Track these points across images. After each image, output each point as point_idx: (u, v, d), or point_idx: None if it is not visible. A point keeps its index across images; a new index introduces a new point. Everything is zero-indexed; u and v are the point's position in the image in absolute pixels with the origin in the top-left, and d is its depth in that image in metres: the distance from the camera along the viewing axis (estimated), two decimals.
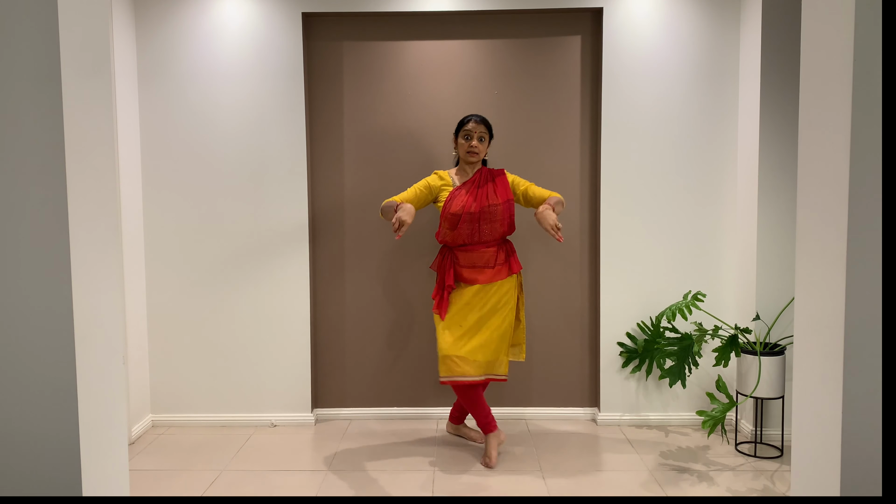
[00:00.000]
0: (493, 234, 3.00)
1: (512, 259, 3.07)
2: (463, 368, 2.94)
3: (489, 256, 3.01)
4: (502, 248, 3.05)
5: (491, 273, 3.01)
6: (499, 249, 3.03)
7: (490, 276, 3.00)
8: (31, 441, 1.48)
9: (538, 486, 2.80)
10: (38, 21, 1.40)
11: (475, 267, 3.01)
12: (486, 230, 2.99)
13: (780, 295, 3.25)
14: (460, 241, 3.01)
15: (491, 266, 3.01)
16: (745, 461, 3.06)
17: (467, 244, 3.01)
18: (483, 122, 3.04)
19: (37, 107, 1.42)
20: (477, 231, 2.99)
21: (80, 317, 1.48)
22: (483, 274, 3.01)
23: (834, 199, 1.50)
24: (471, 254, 3.01)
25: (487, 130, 3.06)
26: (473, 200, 2.97)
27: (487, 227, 2.99)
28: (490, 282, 3.00)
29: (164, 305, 3.55)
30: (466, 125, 3.03)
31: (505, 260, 3.04)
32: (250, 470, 3.00)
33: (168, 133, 3.49)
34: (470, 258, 3.01)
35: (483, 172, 3.07)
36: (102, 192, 1.57)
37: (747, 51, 3.33)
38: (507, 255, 3.06)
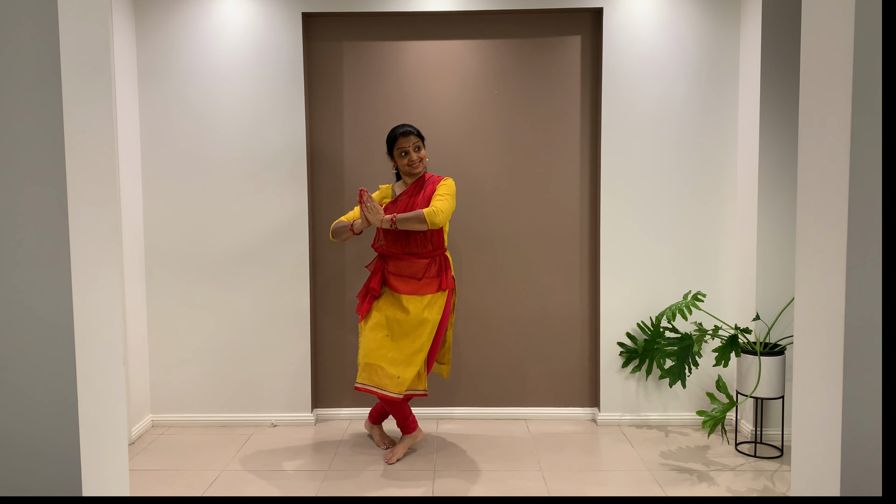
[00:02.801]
0: (422, 245, 2.98)
1: (444, 275, 3.01)
2: (383, 381, 2.90)
3: (418, 268, 2.98)
4: (435, 261, 3.01)
5: (417, 285, 2.97)
6: (431, 263, 3.00)
7: (415, 288, 2.96)
8: (31, 441, 1.48)
9: (538, 486, 2.80)
10: (38, 21, 1.40)
11: (402, 276, 2.99)
12: (414, 241, 2.97)
13: (780, 295, 3.25)
14: (392, 250, 3.01)
15: (418, 278, 2.97)
16: (745, 461, 3.06)
17: (398, 254, 3.00)
18: (412, 132, 2.99)
19: (37, 107, 1.41)
20: (404, 242, 2.98)
21: (80, 317, 1.47)
22: (408, 284, 2.97)
23: (834, 199, 1.50)
24: (400, 262, 2.99)
25: (419, 136, 3.01)
26: (403, 210, 2.97)
27: (415, 237, 2.97)
28: (414, 294, 2.96)
29: (164, 305, 3.55)
30: (397, 142, 2.99)
31: (436, 274, 3.00)
32: (250, 470, 3.00)
33: (168, 133, 3.49)
34: (398, 267, 2.99)
35: (419, 182, 3.05)
36: (102, 192, 1.57)
37: (747, 51, 3.33)
38: (439, 270, 3.01)
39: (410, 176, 3.06)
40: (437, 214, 2.86)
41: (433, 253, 3.01)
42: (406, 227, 2.86)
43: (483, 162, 3.55)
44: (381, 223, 2.87)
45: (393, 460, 3.03)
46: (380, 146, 3.56)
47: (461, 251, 3.57)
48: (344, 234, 3.01)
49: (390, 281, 3.00)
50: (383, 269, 3.03)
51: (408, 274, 2.98)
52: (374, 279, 3.02)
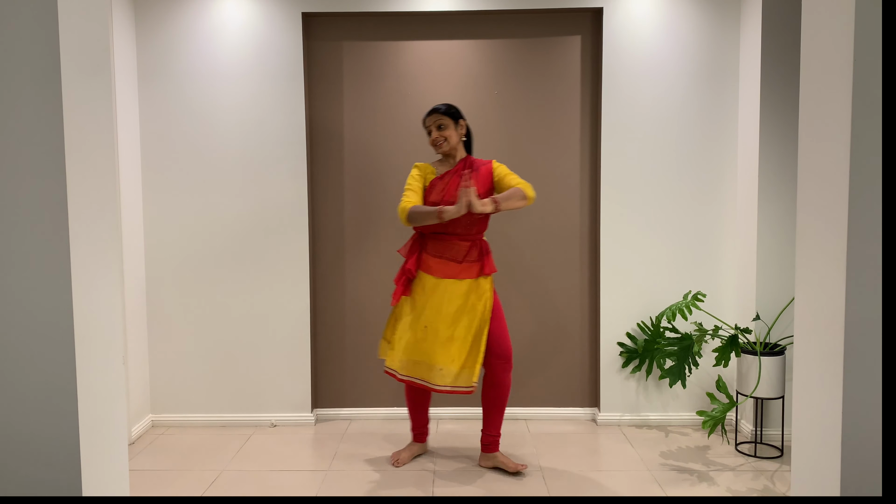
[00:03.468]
0: (468, 227, 2.84)
1: (486, 259, 2.87)
2: (426, 374, 2.81)
3: (460, 250, 2.83)
4: (476, 245, 2.86)
5: (457, 269, 2.81)
6: (472, 246, 2.85)
7: (456, 272, 2.81)
8: (31, 441, 1.48)
9: (538, 486, 2.80)
10: (38, 21, 1.40)
11: (442, 258, 2.83)
12: (461, 221, 2.81)
13: (780, 295, 3.25)
14: (433, 228, 2.84)
15: (458, 261, 2.82)
16: (745, 461, 3.06)
17: (440, 233, 2.84)
18: (437, 110, 2.88)
19: (37, 107, 1.42)
20: (455, 222, 2.81)
21: (80, 317, 1.48)
22: (449, 267, 2.82)
23: (834, 199, 1.50)
24: (441, 243, 2.83)
25: (446, 115, 2.87)
26: (454, 190, 2.83)
27: (464, 219, 2.80)
28: (455, 277, 2.81)
29: (164, 305, 3.55)
30: (424, 122, 2.93)
31: (477, 258, 2.85)
32: (250, 470, 3.00)
33: (168, 133, 3.49)
34: (439, 248, 2.84)
35: (466, 162, 2.92)
36: (102, 192, 1.57)
37: (747, 51, 3.33)
38: (480, 254, 2.86)
39: (444, 155, 2.94)
40: (530, 187, 2.81)
41: (475, 236, 2.86)
42: (509, 206, 2.72)
43: None
44: (483, 207, 2.65)
45: (400, 463, 3.02)
46: (380, 146, 3.56)
47: None
48: (429, 219, 2.74)
49: (428, 263, 2.84)
50: (420, 250, 2.88)
51: (448, 256, 2.82)
52: (410, 260, 2.86)
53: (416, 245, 2.91)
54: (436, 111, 2.89)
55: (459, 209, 2.66)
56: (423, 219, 2.76)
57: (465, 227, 2.83)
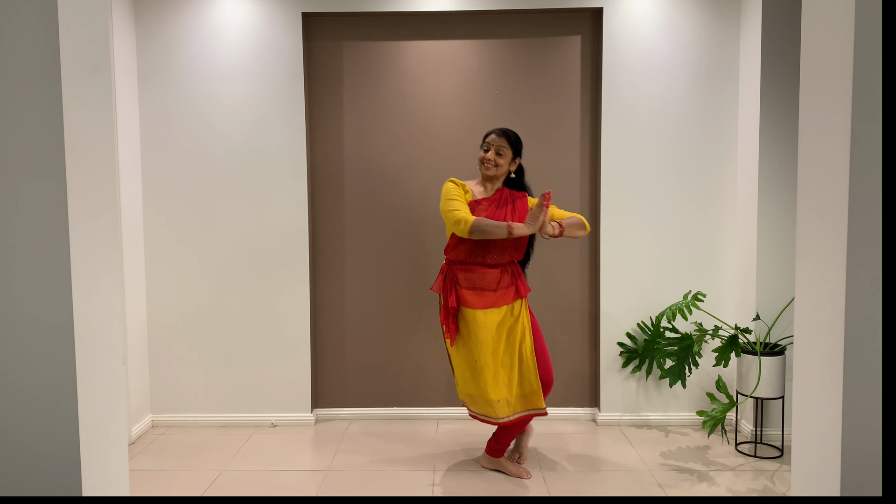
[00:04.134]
0: (498, 258, 2.80)
1: (519, 282, 2.84)
2: (485, 409, 2.78)
3: (491, 278, 2.79)
4: (507, 270, 2.82)
5: (494, 297, 2.78)
6: (503, 272, 2.81)
7: (494, 300, 2.77)
8: (31, 441, 1.48)
9: (538, 486, 2.80)
10: (38, 21, 1.40)
11: (475, 289, 2.79)
12: (491, 253, 2.78)
13: (780, 295, 3.25)
14: (462, 256, 2.80)
15: (493, 289, 2.78)
16: (745, 461, 3.06)
17: (467, 262, 2.80)
18: (505, 134, 2.82)
19: (37, 107, 1.42)
20: (481, 251, 2.78)
21: (80, 317, 1.48)
22: (485, 297, 2.77)
23: (834, 199, 1.50)
24: (471, 274, 2.79)
25: (509, 145, 2.82)
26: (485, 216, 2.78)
27: (494, 252, 2.78)
28: (493, 306, 2.77)
29: (164, 305, 3.55)
30: (488, 136, 2.84)
31: (511, 283, 2.81)
32: (250, 470, 3.00)
33: (168, 133, 3.49)
34: (470, 279, 2.79)
35: (504, 193, 2.86)
36: (102, 191, 1.57)
37: (747, 51, 3.33)
38: (512, 278, 2.82)
39: (487, 178, 2.86)
40: (586, 221, 2.87)
41: (507, 263, 2.83)
42: (571, 233, 2.75)
43: None
44: (551, 230, 2.67)
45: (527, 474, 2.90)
46: (380, 146, 3.56)
47: None
48: (498, 233, 2.65)
49: (465, 296, 2.78)
50: (455, 284, 2.81)
51: (481, 286, 2.78)
52: (451, 296, 2.80)
53: (449, 280, 2.85)
54: (505, 136, 2.83)
55: (531, 226, 2.63)
56: (490, 231, 2.66)
57: (496, 255, 2.79)
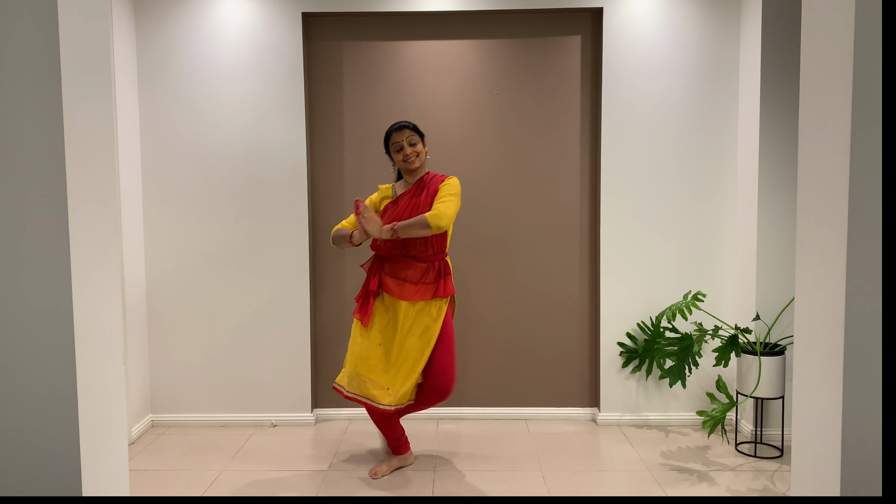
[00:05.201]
0: (423, 248, 2.82)
1: (442, 281, 2.82)
2: (373, 392, 2.78)
3: (415, 272, 2.80)
4: (433, 266, 2.82)
5: (412, 290, 2.79)
6: (429, 268, 2.81)
7: (410, 293, 2.78)
8: (31, 441, 1.48)
9: (538, 486, 2.80)
10: (38, 21, 1.40)
11: (397, 279, 2.81)
12: (413, 244, 2.81)
13: (780, 295, 3.25)
14: (391, 251, 2.84)
15: (414, 283, 2.79)
16: (745, 461, 3.06)
17: (396, 256, 2.84)
18: (406, 126, 2.85)
19: (37, 107, 1.42)
20: (403, 244, 2.81)
21: (80, 317, 1.48)
22: (403, 288, 2.79)
23: (834, 199, 1.50)
24: (397, 265, 2.82)
25: (414, 131, 2.86)
26: (403, 212, 2.81)
27: (415, 240, 2.81)
28: (409, 299, 2.78)
29: (164, 305, 3.55)
30: (390, 138, 2.86)
31: (433, 280, 2.81)
32: (250, 470, 3.00)
33: (168, 133, 3.49)
34: (395, 269, 2.82)
35: (421, 181, 2.88)
36: (102, 192, 1.57)
37: (747, 51, 3.33)
38: (437, 276, 2.82)
39: (409, 173, 2.90)
40: (441, 217, 2.68)
41: (433, 257, 2.84)
42: (408, 234, 2.68)
43: (483, 162, 3.55)
44: (381, 234, 2.69)
45: (378, 476, 2.90)
46: (380, 146, 3.56)
47: (461, 252, 3.57)
48: (343, 243, 2.84)
49: (386, 283, 2.83)
50: (380, 270, 2.87)
51: (403, 277, 2.81)
52: (373, 280, 2.85)
53: (375, 263, 2.91)
54: (405, 127, 2.85)
55: (361, 235, 2.76)
56: (339, 242, 2.86)
57: (417, 248, 2.82)
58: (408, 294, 2.80)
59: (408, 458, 3.02)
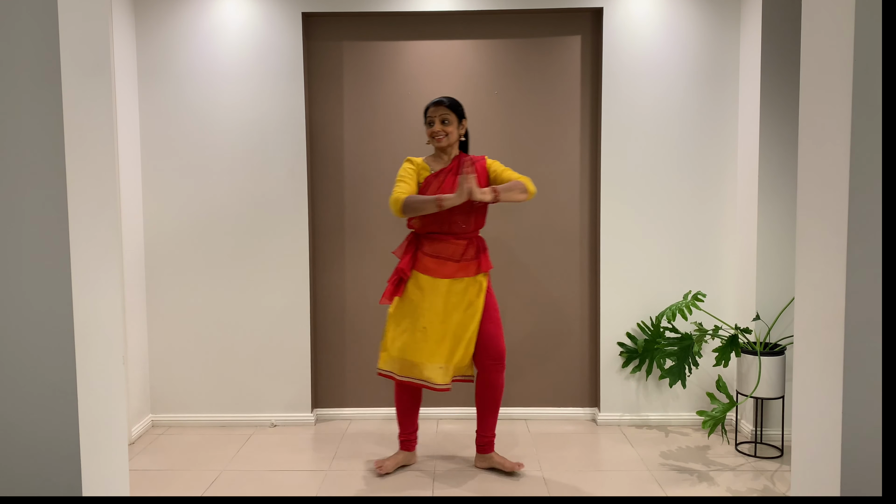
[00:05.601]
0: (466, 225, 2.81)
1: (482, 256, 2.86)
2: (426, 375, 2.77)
3: (456, 249, 2.80)
4: (473, 243, 2.84)
5: (454, 267, 2.78)
6: (469, 244, 2.83)
7: (453, 271, 2.78)
8: (31, 441, 1.48)
9: (538, 486, 2.80)
10: (38, 21, 1.40)
11: (439, 258, 2.79)
12: (458, 220, 2.79)
13: (780, 295, 3.25)
14: (430, 228, 2.81)
15: (456, 260, 2.79)
16: (745, 461, 3.06)
17: (436, 233, 2.81)
18: (442, 103, 2.82)
19: (37, 107, 1.42)
20: (447, 220, 2.79)
21: (80, 317, 1.48)
22: (446, 267, 2.78)
23: (834, 199, 1.50)
24: (438, 243, 2.80)
25: (451, 111, 2.82)
26: (449, 188, 2.79)
27: (461, 218, 2.79)
28: (452, 277, 2.78)
29: (164, 305, 3.55)
30: (427, 111, 2.85)
31: (475, 256, 2.82)
32: (250, 470, 3.00)
33: (168, 133, 3.49)
34: (435, 248, 2.80)
35: (461, 159, 2.86)
36: (102, 191, 1.57)
37: (747, 51, 3.33)
38: (477, 252, 2.84)
39: (440, 150, 2.88)
40: (530, 182, 2.79)
41: (472, 234, 2.84)
42: (508, 198, 2.70)
43: None
44: (482, 196, 2.64)
45: (383, 470, 2.90)
46: (380, 146, 3.56)
47: None
48: (427, 208, 2.69)
49: (426, 263, 2.79)
50: (415, 250, 2.83)
51: (445, 255, 2.78)
52: (404, 260, 2.82)
53: (411, 245, 2.87)
54: (441, 104, 2.84)
55: (460, 196, 2.64)
56: (420, 208, 2.71)
57: (461, 224, 2.81)
58: (450, 272, 2.79)
59: (412, 458, 3.02)
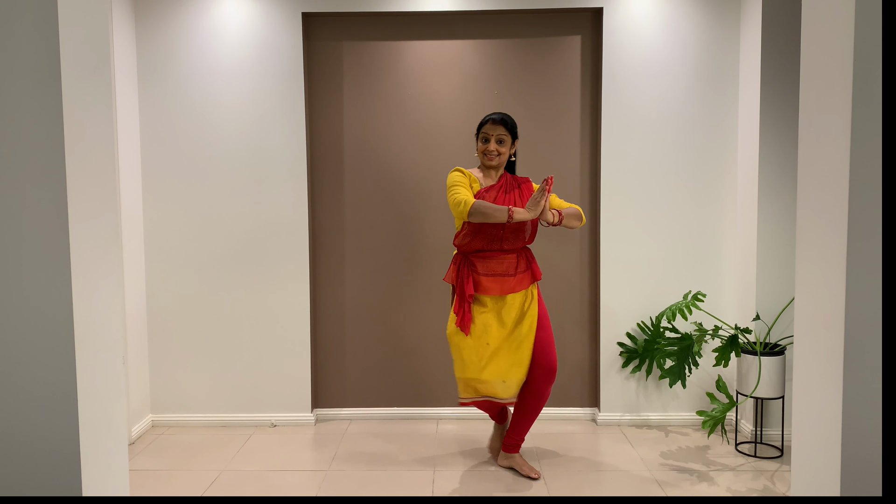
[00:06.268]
0: (515, 243, 2.82)
1: (533, 266, 2.88)
2: (490, 391, 2.79)
3: (509, 264, 2.81)
4: (522, 255, 2.86)
5: (513, 282, 2.80)
6: (519, 257, 2.84)
7: (513, 285, 2.80)
8: (31, 441, 1.48)
9: (538, 486, 2.80)
10: (38, 21, 1.40)
11: (495, 275, 2.80)
12: (509, 238, 2.80)
13: (780, 295, 3.25)
14: (478, 246, 2.81)
15: (512, 274, 2.80)
16: (745, 461, 3.06)
17: (485, 250, 2.81)
18: (503, 122, 2.81)
19: (37, 107, 1.41)
20: (499, 238, 2.79)
21: (80, 317, 1.47)
22: (505, 283, 2.79)
23: (834, 199, 1.50)
24: (489, 261, 2.80)
25: (508, 132, 2.82)
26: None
27: (511, 236, 2.80)
28: (513, 291, 2.80)
29: (164, 305, 3.55)
30: (484, 126, 2.83)
31: (526, 267, 2.85)
32: (250, 470, 3.00)
33: (168, 133, 3.49)
34: (489, 266, 2.80)
35: (508, 178, 2.89)
36: (102, 192, 1.57)
37: (747, 51, 3.33)
38: (528, 263, 2.86)
39: (488, 167, 2.87)
40: (583, 212, 2.90)
41: (521, 248, 2.86)
42: (568, 223, 2.78)
43: None
44: (549, 217, 2.69)
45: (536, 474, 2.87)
46: (380, 146, 3.56)
47: None
48: (497, 216, 2.64)
49: (482, 283, 2.79)
50: (472, 272, 2.82)
51: (500, 272, 2.79)
52: (468, 284, 2.79)
53: (463, 268, 2.84)
54: (502, 123, 2.81)
55: (531, 212, 2.62)
56: (490, 214, 2.65)
57: (511, 240, 2.80)
58: (510, 287, 2.80)
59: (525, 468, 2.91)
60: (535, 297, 2.87)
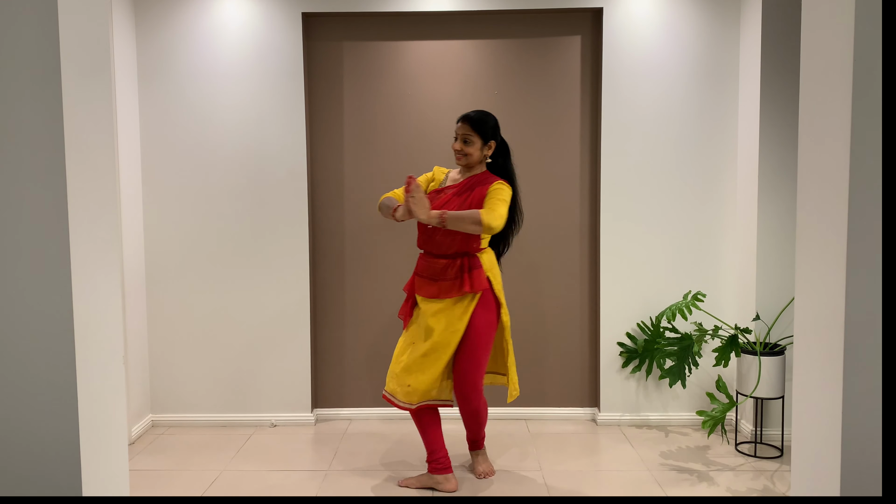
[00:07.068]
0: (448, 246, 2.68)
1: (474, 275, 2.65)
2: (394, 387, 2.72)
3: (440, 268, 2.68)
4: (456, 262, 2.67)
5: (435, 288, 2.68)
6: (451, 263, 2.67)
7: (435, 291, 2.68)
8: (31, 441, 1.48)
9: (538, 486, 2.80)
10: (37, 21, 1.40)
11: (424, 277, 2.74)
12: (440, 241, 2.70)
13: (780, 295, 3.25)
14: (419, 244, 2.79)
15: (440, 279, 2.68)
16: (745, 461, 3.06)
17: (424, 251, 2.78)
18: (467, 119, 2.69)
19: (37, 106, 1.41)
20: (430, 240, 2.72)
21: (80, 317, 1.47)
22: (431, 286, 2.70)
23: (834, 198, 1.50)
24: (424, 262, 2.76)
25: (474, 131, 2.68)
26: (443, 205, 2.69)
27: (442, 238, 2.69)
28: (437, 297, 2.67)
29: (164, 305, 3.55)
30: (456, 125, 2.76)
31: (456, 275, 2.65)
32: (250, 470, 3.00)
33: (168, 133, 3.49)
34: (422, 266, 2.76)
35: (473, 179, 2.74)
36: (102, 192, 1.57)
37: (747, 51, 3.33)
38: (460, 271, 2.66)
39: (462, 167, 2.79)
40: (496, 219, 2.53)
41: (457, 255, 2.69)
42: (456, 226, 2.53)
43: None
44: (428, 218, 2.53)
45: (402, 485, 2.81)
46: (379, 146, 3.56)
47: None
48: (388, 213, 2.68)
49: (416, 282, 2.77)
50: (415, 270, 2.82)
51: (428, 275, 2.72)
52: (410, 280, 2.82)
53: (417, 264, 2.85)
54: (468, 121, 2.70)
55: (404, 213, 2.58)
56: (384, 211, 2.72)
57: (444, 244, 2.70)
58: (434, 291, 2.69)
59: (442, 483, 2.76)
60: (466, 314, 2.66)
